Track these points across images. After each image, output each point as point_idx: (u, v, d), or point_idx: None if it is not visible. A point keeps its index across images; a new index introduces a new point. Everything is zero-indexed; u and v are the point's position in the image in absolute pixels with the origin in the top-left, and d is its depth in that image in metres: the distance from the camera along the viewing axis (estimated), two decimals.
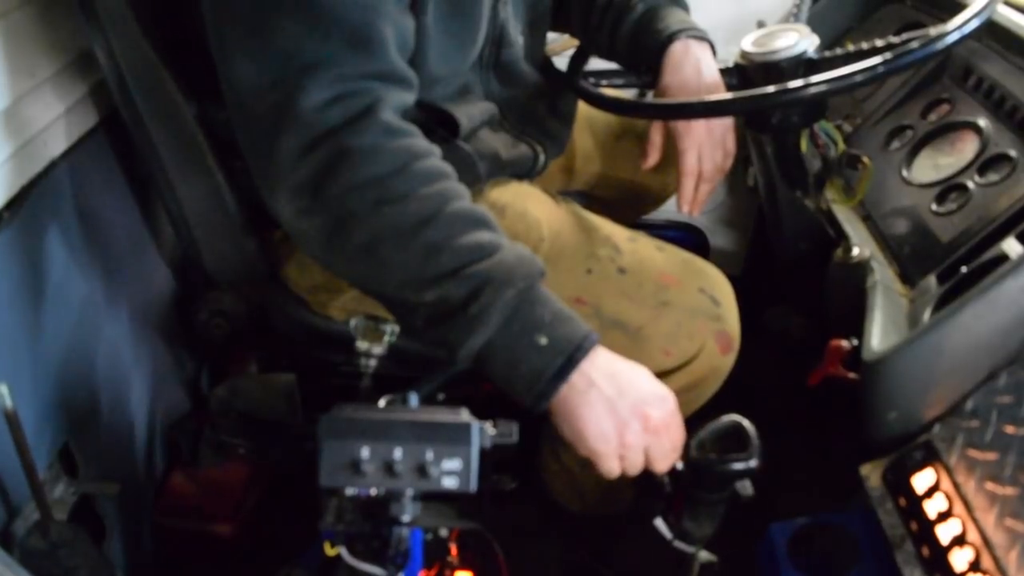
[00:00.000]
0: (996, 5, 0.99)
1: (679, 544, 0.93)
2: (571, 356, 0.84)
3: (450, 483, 0.73)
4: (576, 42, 1.35)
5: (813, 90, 0.98)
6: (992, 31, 1.24)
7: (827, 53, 1.11)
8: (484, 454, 0.76)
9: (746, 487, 0.88)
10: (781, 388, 1.41)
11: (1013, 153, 1.10)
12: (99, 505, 1.19)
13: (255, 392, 1.27)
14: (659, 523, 0.93)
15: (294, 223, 0.89)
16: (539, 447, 1.43)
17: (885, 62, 0.96)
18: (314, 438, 0.75)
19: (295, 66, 0.84)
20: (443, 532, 0.97)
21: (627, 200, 1.51)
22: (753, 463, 0.86)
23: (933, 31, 0.97)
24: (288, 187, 0.87)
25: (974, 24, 0.96)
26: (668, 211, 1.65)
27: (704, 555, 0.95)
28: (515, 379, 0.86)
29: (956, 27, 0.96)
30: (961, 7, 1.01)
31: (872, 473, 0.96)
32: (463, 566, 1.08)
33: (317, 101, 0.84)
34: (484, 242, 0.86)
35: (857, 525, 1.05)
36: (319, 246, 0.89)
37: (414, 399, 0.79)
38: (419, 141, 0.89)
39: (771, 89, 1.02)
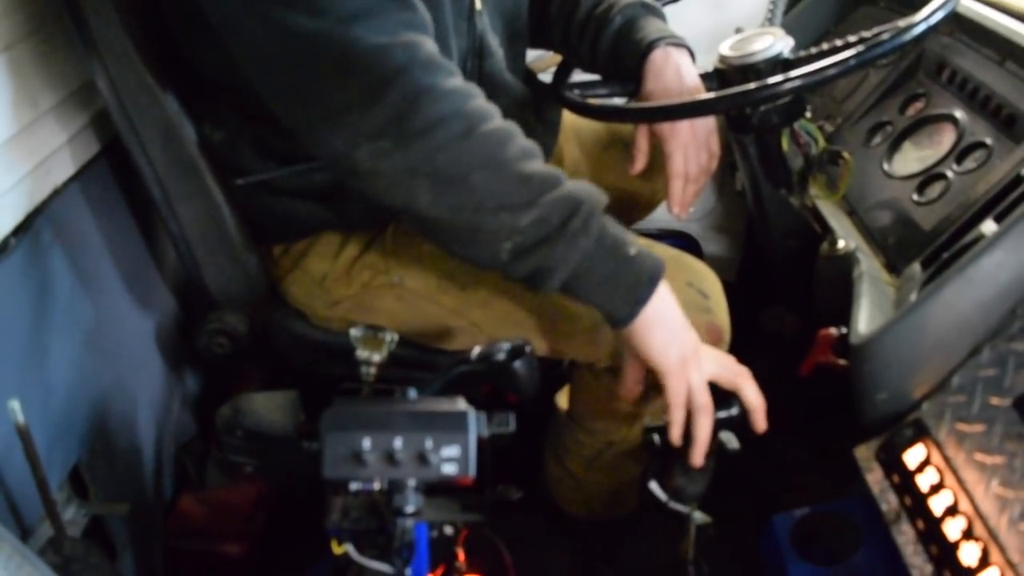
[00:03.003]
0: None
1: (674, 505, 0.97)
2: (658, 262, 0.95)
3: (449, 469, 0.75)
4: (559, 59, 1.39)
5: (790, 85, 1.01)
6: (961, 25, 1.28)
7: (802, 52, 1.15)
8: (482, 443, 0.79)
9: (731, 440, 0.93)
10: (778, 385, 1.43)
11: (988, 140, 1.13)
12: (110, 527, 1.21)
13: (259, 409, 1.29)
14: (653, 486, 0.97)
15: (370, 167, 0.90)
16: (543, 456, 1.44)
17: (857, 55, 0.99)
18: (318, 434, 0.78)
19: (344, 16, 0.86)
20: (448, 531, 0.99)
21: (617, 208, 1.51)
22: (735, 411, 0.95)
23: (901, 23, 1.01)
24: (363, 132, 0.89)
25: (939, 15, 0.99)
26: (661, 219, 1.68)
27: (699, 516, 0.98)
28: (614, 289, 0.93)
29: (923, 18, 0.99)
30: None
31: (866, 454, 0.97)
32: (471, 570, 1.09)
33: (377, 43, 0.87)
34: (555, 170, 0.94)
35: (858, 511, 1.06)
36: (398, 187, 0.91)
37: (412, 392, 0.82)
38: (466, 81, 0.94)
39: (752, 86, 1.05)
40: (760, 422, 0.98)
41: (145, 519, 1.32)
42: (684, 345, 0.95)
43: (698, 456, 0.95)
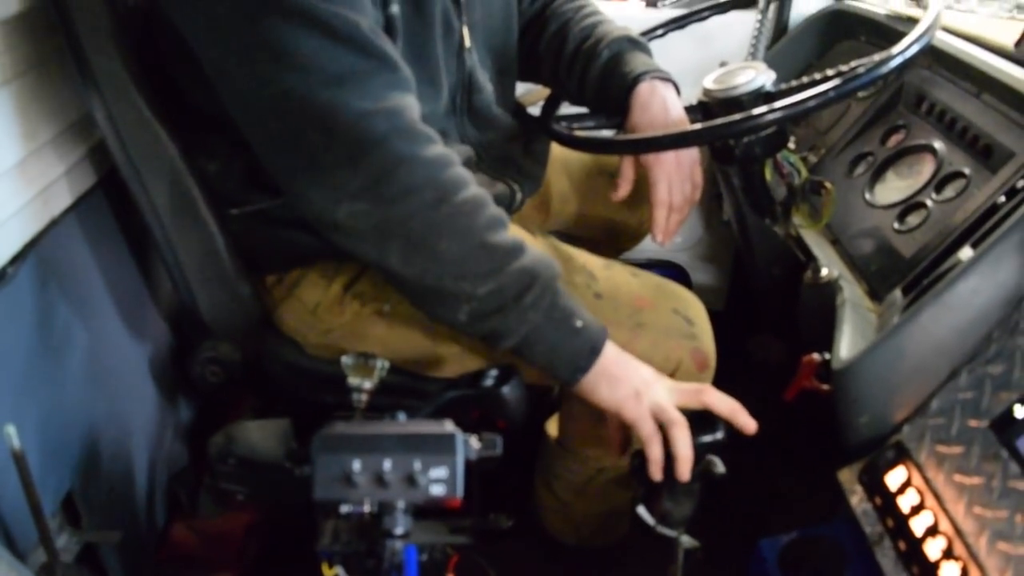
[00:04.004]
0: (935, 32, 1.06)
1: (662, 529, 0.98)
2: (601, 334, 1.00)
3: (438, 491, 0.77)
4: (548, 92, 1.42)
5: (771, 117, 1.04)
6: (940, 59, 1.32)
7: (783, 85, 1.18)
8: (470, 466, 0.80)
9: (717, 465, 0.95)
10: (765, 411, 1.45)
11: (966, 170, 1.16)
12: (102, 555, 1.21)
13: (252, 437, 1.30)
14: (641, 510, 0.98)
15: (348, 224, 0.96)
16: (533, 483, 1.45)
17: (835, 88, 1.02)
18: (309, 458, 0.79)
19: (331, 78, 0.91)
20: (439, 556, 1.00)
21: (605, 238, 1.56)
22: (720, 435, 0.96)
23: (877, 57, 1.04)
24: (345, 192, 0.94)
25: (914, 50, 1.03)
26: (650, 249, 1.71)
27: (687, 540, 0.99)
28: (558, 359, 0.99)
29: (898, 52, 1.02)
30: None
31: (849, 477, 0.99)
32: None
33: (361, 109, 0.91)
34: (518, 240, 0.98)
35: (844, 534, 1.07)
36: (372, 245, 0.97)
37: (402, 416, 0.83)
38: (445, 147, 0.98)
39: (735, 118, 1.08)
40: (744, 422, 0.99)
41: (137, 547, 1.32)
42: (629, 388, 0.99)
43: (684, 471, 0.96)
